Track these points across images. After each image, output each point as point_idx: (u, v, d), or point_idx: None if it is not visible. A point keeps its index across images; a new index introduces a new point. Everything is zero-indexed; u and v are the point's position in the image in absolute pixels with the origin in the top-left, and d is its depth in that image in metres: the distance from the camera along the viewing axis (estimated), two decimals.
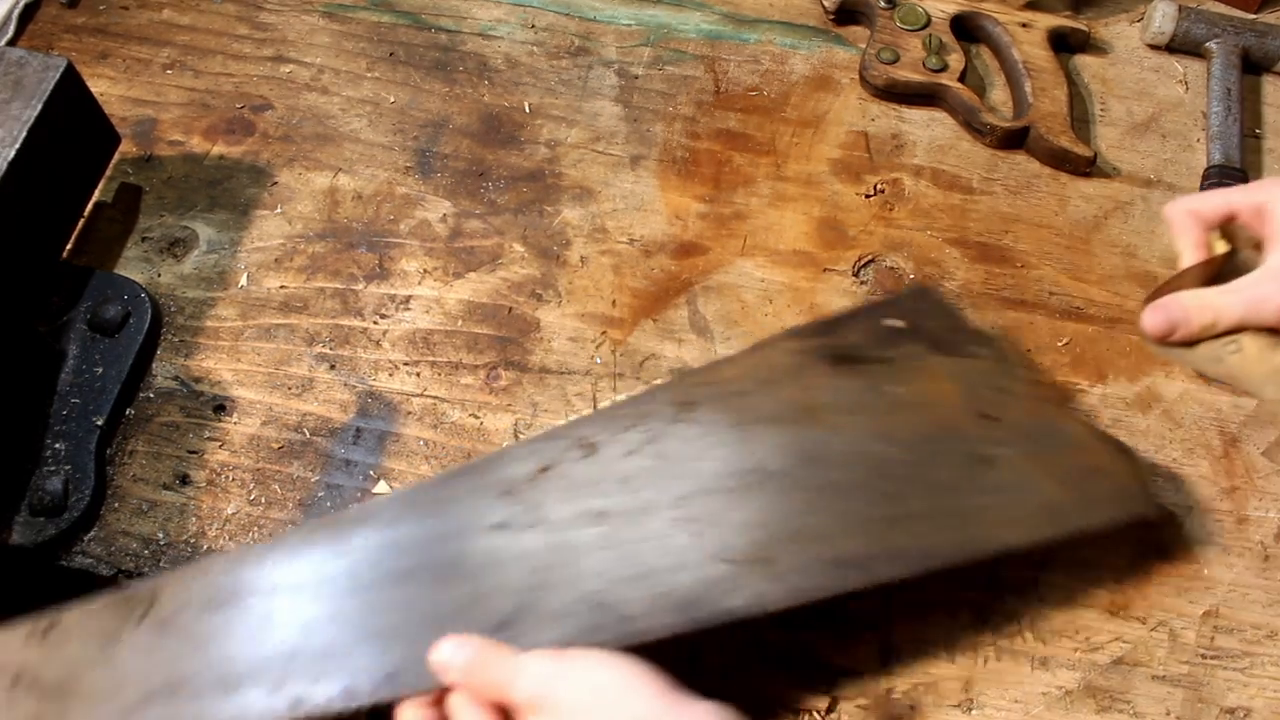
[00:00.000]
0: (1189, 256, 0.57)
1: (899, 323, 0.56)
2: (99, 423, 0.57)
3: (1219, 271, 0.56)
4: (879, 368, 0.55)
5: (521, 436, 0.59)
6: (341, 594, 0.46)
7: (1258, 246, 0.56)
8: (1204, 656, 0.55)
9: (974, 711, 0.53)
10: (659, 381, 0.60)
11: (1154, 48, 0.76)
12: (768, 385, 0.53)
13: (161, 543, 0.56)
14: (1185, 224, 0.56)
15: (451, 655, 0.42)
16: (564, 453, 0.50)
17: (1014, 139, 0.70)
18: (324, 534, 0.48)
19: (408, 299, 0.64)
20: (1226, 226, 0.58)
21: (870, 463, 0.51)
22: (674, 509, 0.48)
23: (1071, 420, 0.54)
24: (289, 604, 0.46)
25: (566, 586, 0.45)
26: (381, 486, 0.58)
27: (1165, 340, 0.55)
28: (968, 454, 0.52)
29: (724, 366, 0.55)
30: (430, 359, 0.62)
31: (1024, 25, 0.73)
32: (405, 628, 0.45)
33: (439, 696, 0.44)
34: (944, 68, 0.72)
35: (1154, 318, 0.54)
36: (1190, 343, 0.55)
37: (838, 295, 0.65)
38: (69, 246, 0.64)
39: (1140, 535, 0.58)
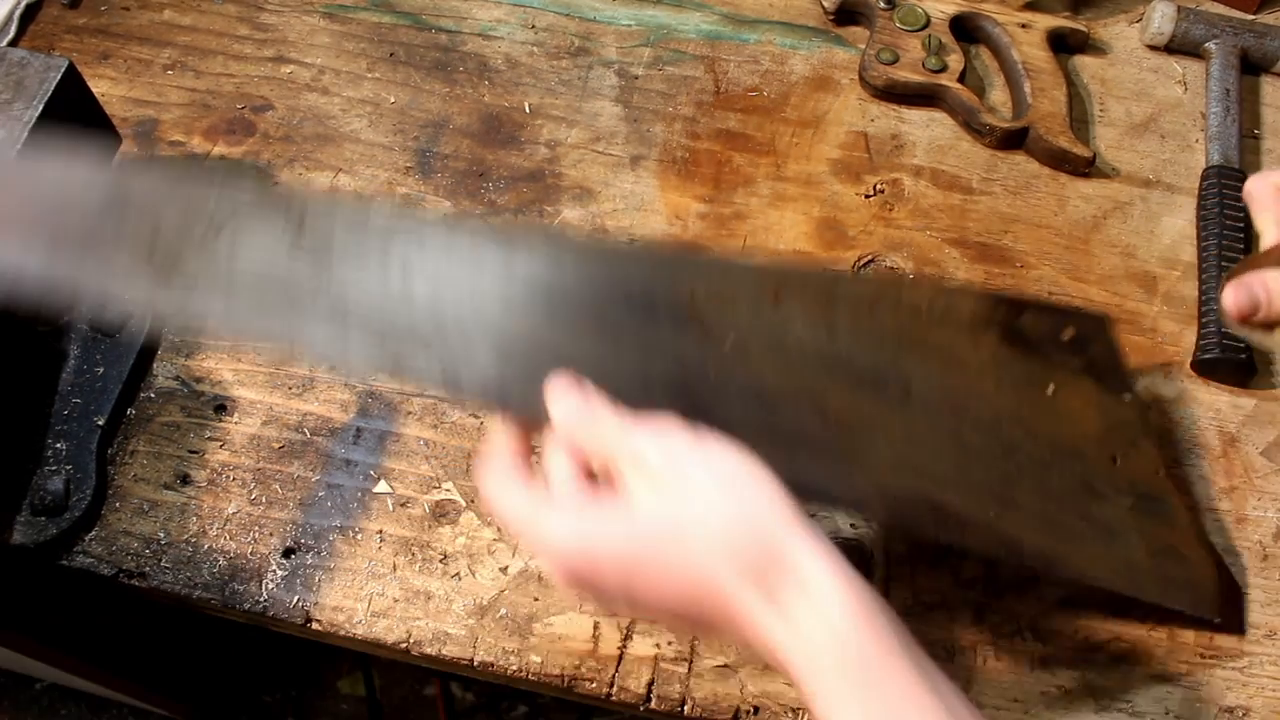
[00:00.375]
0: (1271, 235, 0.53)
1: (1070, 332, 0.57)
2: (100, 422, 0.57)
3: None
4: (1039, 364, 0.55)
5: None
6: (484, 301, 0.46)
7: None
8: (1202, 656, 0.55)
9: None
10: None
11: (1153, 48, 0.76)
12: (944, 324, 0.54)
13: (163, 542, 0.56)
14: (1268, 200, 0.52)
15: (578, 393, 0.41)
16: (754, 292, 0.50)
17: (1013, 139, 0.70)
18: (486, 241, 0.47)
19: None
20: None
21: (1002, 441, 0.52)
22: (818, 378, 0.49)
23: (1180, 504, 0.56)
24: (431, 282, 0.45)
25: (725, 408, 0.46)
26: (382, 486, 0.58)
27: (1246, 320, 0.53)
28: (1085, 480, 0.54)
29: (912, 289, 0.57)
30: None
31: (1023, 26, 0.74)
32: (540, 358, 0.44)
33: (529, 439, 0.43)
34: (943, 68, 0.72)
35: (1236, 296, 0.51)
36: (1271, 324, 0.53)
37: None
38: None
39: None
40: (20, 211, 0.45)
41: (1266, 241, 0.52)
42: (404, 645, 0.54)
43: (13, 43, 0.72)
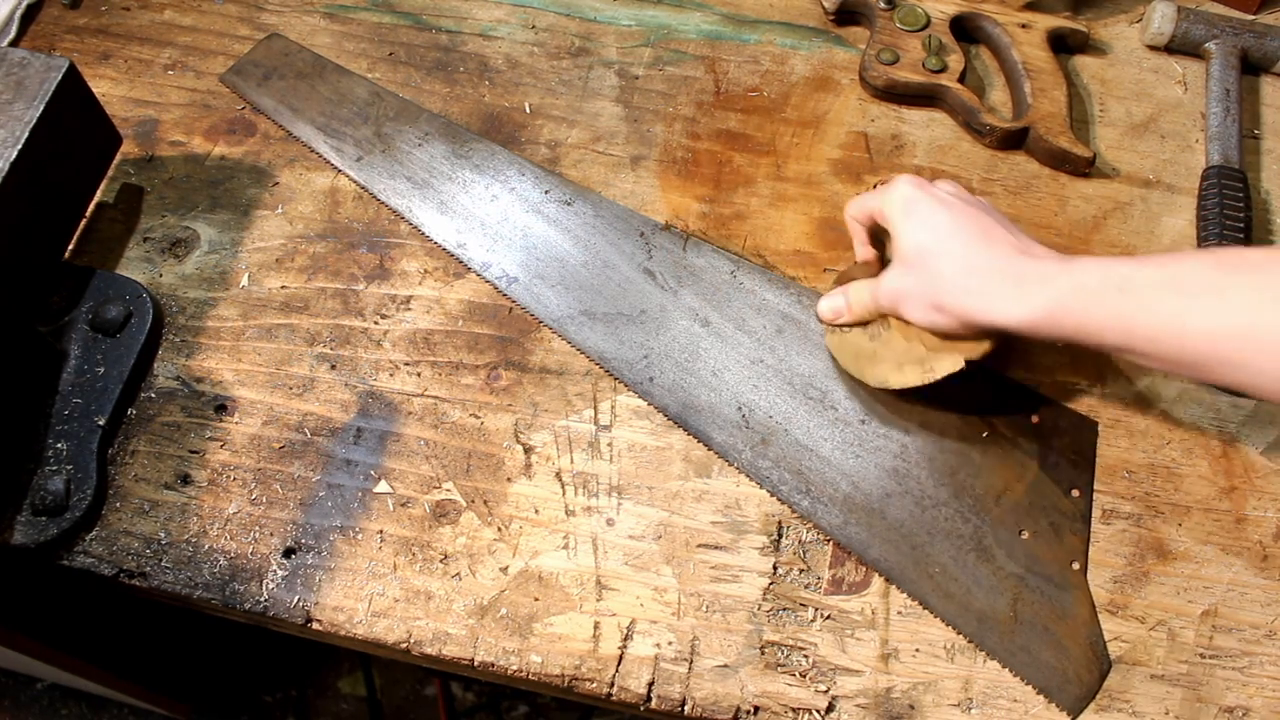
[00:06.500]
0: (860, 252, 0.63)
1: (1036, 419, 0.61)
2: (101, 423, 0.57)
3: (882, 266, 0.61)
4: (982, 430, 0.60)
5: (522, 436, 0.59)
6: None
7: None
8: (1203, 656, 0.55)
9: (973, 710, 0.53)
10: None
11: (1153, 48, 0.76)
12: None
13: (163, 542, 0.56)
14: (852, 223, 0.62)
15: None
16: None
17: (1013, 139, 0.70)
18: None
19: (408, 299, 0.64)
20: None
21: (901, 470, 0.58)
22: (753, 357, 0.62)
23: (1085, 601, 0.56)
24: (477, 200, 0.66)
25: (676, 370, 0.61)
26: (383, 486, 0.58)
27: (833, 322, 0.61)
28: (977, 536, 0.57)
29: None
30: (431, 359, 0.62)
31: (1023, 26, 0.74)
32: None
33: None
34: (944, 68, 0.72)
35: (830, 304, 0.61)
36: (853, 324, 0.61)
37: None
38: (71, 247, 0.64)
39: (1139, 535, 0.58)
40: None
41: (857, 258, 0.62)
42: (404, 645, 0.54)
43: (13, 43, 0.72)
